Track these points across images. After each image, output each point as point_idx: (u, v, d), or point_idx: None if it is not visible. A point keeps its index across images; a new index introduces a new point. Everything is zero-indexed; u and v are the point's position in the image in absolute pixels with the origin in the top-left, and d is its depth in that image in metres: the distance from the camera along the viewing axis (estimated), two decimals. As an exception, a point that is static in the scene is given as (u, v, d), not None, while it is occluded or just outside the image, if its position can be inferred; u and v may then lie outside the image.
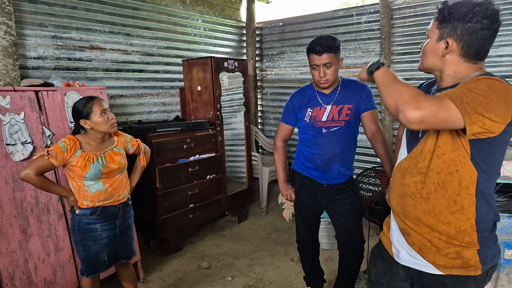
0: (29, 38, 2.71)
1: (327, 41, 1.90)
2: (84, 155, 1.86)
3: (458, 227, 1.13)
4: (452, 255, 1.15)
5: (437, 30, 1.16)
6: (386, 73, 1.16)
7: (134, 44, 3.44)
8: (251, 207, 4.39)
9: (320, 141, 2.09)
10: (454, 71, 1.15)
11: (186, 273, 2.91)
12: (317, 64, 1.94)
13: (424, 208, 1.18)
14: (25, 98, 2.10)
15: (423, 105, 0.97)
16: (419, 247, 1.21)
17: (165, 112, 3.82)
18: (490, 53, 3.66)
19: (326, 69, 1.95)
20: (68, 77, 2.93)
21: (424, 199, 1.18)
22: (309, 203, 2.23)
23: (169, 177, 3.06)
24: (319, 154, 2.10)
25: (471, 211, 1.12)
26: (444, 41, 1.14)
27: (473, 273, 1.14)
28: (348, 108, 2.04)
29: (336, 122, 2.05)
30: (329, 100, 2.07)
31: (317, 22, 4.28)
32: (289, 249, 3.27)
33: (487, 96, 0.98)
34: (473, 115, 0.97)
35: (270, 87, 4.91)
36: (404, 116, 0.99)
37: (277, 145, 2.33)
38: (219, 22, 4.41)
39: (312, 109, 2.10)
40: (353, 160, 2.18)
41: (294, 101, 2.19)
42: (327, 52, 1.90)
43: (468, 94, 0.99)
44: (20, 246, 2.13)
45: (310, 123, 2.11)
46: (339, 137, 2.06)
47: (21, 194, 2.11)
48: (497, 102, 0.97)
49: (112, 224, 2.01)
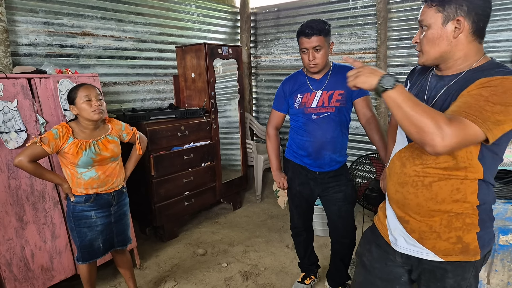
0: (20, 24, 2.66)
1: (317, 24, 1.88)
2: (77, 142, 1.86)
3: (460, 211, 1.14)
4: (453, 240, 1.15)
5: (440, 14, 1.10)
6: (406, 93, 1.00)
7: (127, 30, 3.40)
8: (246, 194, 4.42)
9: (310, 127, 2.08)
10: (465, 52, 1.11)
11: (182, 260, 2.94)
12: (307, 47, 1.92)
13: (426, 196, 1.17)
14: (17, 85, 2.07)
15: (448, 137, 0.93)
16: (418, 233, 1.21)
17: (159, 99, 3.79)
18: (488, 38, 3.64)
19: (315, 53, 1.93)
20: (60, 64, 2.89)
21: (426, 187, 1.17)
22: (302, 191, 2.24)
23: (164, 165, 3.06)
24: (310, 141, 2.09)
25: (474, 198, 1.13)
26: (453, 21, 1.08)
27: (472, 259, 1.15)
28: (338, 94, 2.01)
29: (326, 108, 2.03)
30: (319, 86, 2.05)
31: (312, 7, 4.24)
32: (284, 236, 3.31)
33: (505, 102, 0.96)
34: (495, 128, 0.96)
35: (264, 74, 4.89)
36: (432, 150, 0.96)
37: (269, 133, 2.32)
38: (213, 7, 4.35)
39: (302, 95, 2.08)
40: (345, 147, 2.17)
41: (285, 87, 2.17)
42: (317, 34, 1.88)
43: (487, 107, 0.96)
44: (17, 233, 2.13)
45: (300, 110, 2.10)
46: (330, 123, 2.04)
47: (16, 182, 2.11)
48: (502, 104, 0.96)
49: (107, 212, 2.02)
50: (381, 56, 3.73)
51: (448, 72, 1.17)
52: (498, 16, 3.17)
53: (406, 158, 1.23)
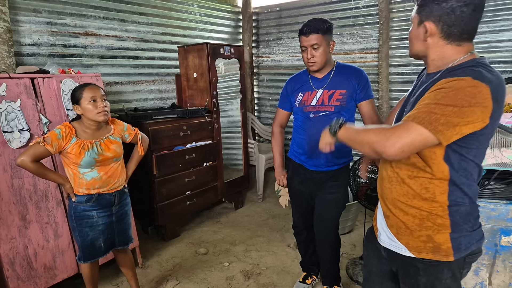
0: (23, 24, 2.68)
1: (315, 23, 1.89)
2: (79, 143, 1.87)
3: (430, 210, 1.16)
4: (423, 238, 1.18)
5: (417, 15, 1.14)
6: (348, 129, 1.23)
7: (129, 30, 3.41)
8: (248, 194, 4.43)
9: (307, 126, 2.09)
10: (439, 55, 1.14)
11: (184, 259, 2.95)
12: (305, 45, 1.93)
13: (398, 192, 1.22)
14: (21, 85, 2.08)
15: (393, 139, 1.03)
16: (396, 229, 1.25)
17: (161, 99, 3.81)
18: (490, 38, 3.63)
19: (313, 51, 1.92)
20: (63, 64, 2.91)
21: (399, 183, 1.21)
22: (302, 190, 2.24)
23: (166, 164, 3.07)
24: (305, 140, 2.10)
25: (443, 198, 1.13)
26: (423, 25, 1.13)
27: (444, 259, 1.15)
28: (340, 93, 2.00)
29: (325, 107, 2.02)
30: (321, 85, 2.04)
31: (314, 7, 4.24)
32: (285, 235, 3.32)
33: (457, 104, 0.97)
34: (447, 130, 0.99)
35: (266, 73, 4.89)
36: (386, 155, 1.05)
37: (273, 130, 2.34)
38: (215, 7, 4.35)
39: (303, 94, 2.09)
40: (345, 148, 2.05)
41: (288, 86, 2.19)
42: (314, 32, 1.88)
43: (436, 109, 0.99)
44: (20, 232, 2.15)
45: (299, 108, 2.11)
46: (327, 122, 1.98)
47: (19, 181, 2.12)
48: (470, 106, 0.97)
49: (108, 212, 2.03)
50: (383, 56, 3.73)
51: (430, 69, 1.19)
52: (500, 16, 3.16)
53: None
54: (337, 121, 1.28)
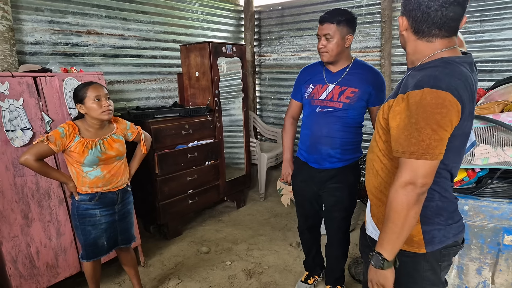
0: (25, 23, 2.68)
1: (333, 12, 1.84)
2: (83, 141, 1.87)
3: None
4: None
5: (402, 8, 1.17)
6: (388, 242, 1.11)
7: (131, 29, 3.41)
8: (250, 193, 4.43)
9: (310, 120, 2.04)
10: (412, 49, 1.16)
11: (186, 258, 2.95)
12: (319, 33, 1.90)
13: (374, 183, 1.25)
14: (23, 84, 2.09)
15: (409, 188, 1.03)
16: (377, 218, 1.28)
17: (163, 98, 3.81)
18: (493, 36, 3.61)
19: (325, 41, 1.87)
20: (65, 62, 2.91)
21: (374, 175, 1.25)
22: (304, 189, 2.19)
23: (168, 163, 3.08)
24: (308, 135, 2.05)
25: None
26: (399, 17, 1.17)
27: (416, 250, 1.17)
28: (351, 91, 1.92)
29: (333, 103, 1.95)
30: (333, 79, 1.97)
31: (316, 6, 4.23)
32: (288, 234, 3.32)
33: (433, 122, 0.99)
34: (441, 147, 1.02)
35: (268, 72, 4.89)
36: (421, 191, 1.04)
37: (285, 122, 2.27)
38: (217, 6, 4.35)
39: (314, 86, 2.02)
40: (350, 145, 2.03)
41: (301, 75, 2.12)
42: (329, 22, 1.83)
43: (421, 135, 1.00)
44: (22, 230, 2.15)
45: (307, 100, 2.04)
46: (331, 119, 1.96)
47: (21, 180, 2.12)
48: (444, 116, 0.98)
49: (111, 210, 2.03)
50: (386, 55, 3.72)
51: (408, 64, 1.22)
52: (503, 14, 3.15)
53: (370, 145, 1.30)
54: (375, 257, 1.14)
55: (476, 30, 3.31)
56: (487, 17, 3.23)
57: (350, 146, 2.04)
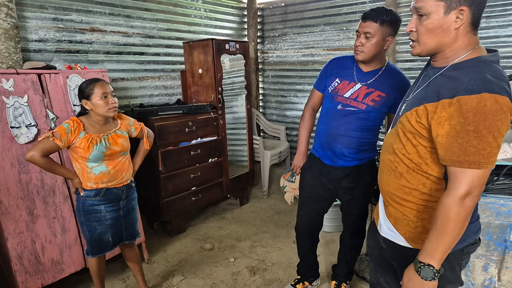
0: (30, 20, 2.68)
1: (379, 10, 1.73)
2: (88, 137, 1.88)
3: (426, 204, 1.17)
4: (420, 229, 1.19)
5: (442, 2, 1.03)
6: (435, 251, 1.06)
7: (135, 26, 3.41)
8: (253, 190, 4.43)
9: (329, 116, 1.96)
10: (458, 45, 1.06)
11: (190, 254, 2.96)
12: (359, 30, 1.78)
13: (395, 186, 1.22)
14: (28, 81, 2.09)
15: (469, 200, 1.00)
16: (394, 218, 1.25)
17: (166, 95, 3.81)
18: (499, 33, 3.58)
19: (364, 39, 1.77)
20: (69, 59, 2.91)
21: (396, 177, 1.21)
22: (313, 186, 2.11)
23: (172, 160, 3.08)
24: (324, 131, 1.98)
25: (439, 194, 1.13)
26: (455, 11, 1.02)
27: None
28: (378, 95, 1.84)
29: (357, 103, 1.87)
30: (363, 79, 1.88)
31: (320, 2, 4.20)
32: (291, 232, 3.31)
33: (494, 128, 0.95)
34: (493, 155, 0.98)
35: (271, 69, 4.88)
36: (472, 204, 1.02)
37: (304, 113, 2.17)
38: (220, 3, 4.34)
39: (341, 81, 1.92)
40: (366, 147, 1.98)
41: (329, 66, 2.02)
42: (372, 20, 1.72)
43: (481, 144, 0.96)
44: (27, 227, 2.16)
45: (331, 94, 1.95)
46: (350, 118, 1.89)
47: (26, 176, 2.13)
48: (503, 121, 0.95)
49: (116, 206, 2.04)
50: (390, 52, 3.70)
51: (437, 63, 1.13)
52: (510, 10, 3.12)
53: (385, 145, 1.27)
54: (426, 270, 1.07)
55: (481, 26, 3.25)
56: (493, 13, 3.20)
57: (366, 147, 1.99)
